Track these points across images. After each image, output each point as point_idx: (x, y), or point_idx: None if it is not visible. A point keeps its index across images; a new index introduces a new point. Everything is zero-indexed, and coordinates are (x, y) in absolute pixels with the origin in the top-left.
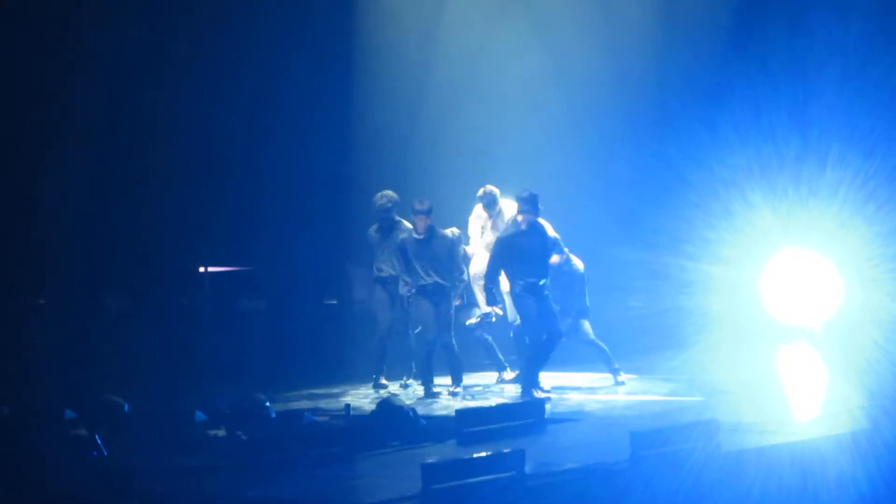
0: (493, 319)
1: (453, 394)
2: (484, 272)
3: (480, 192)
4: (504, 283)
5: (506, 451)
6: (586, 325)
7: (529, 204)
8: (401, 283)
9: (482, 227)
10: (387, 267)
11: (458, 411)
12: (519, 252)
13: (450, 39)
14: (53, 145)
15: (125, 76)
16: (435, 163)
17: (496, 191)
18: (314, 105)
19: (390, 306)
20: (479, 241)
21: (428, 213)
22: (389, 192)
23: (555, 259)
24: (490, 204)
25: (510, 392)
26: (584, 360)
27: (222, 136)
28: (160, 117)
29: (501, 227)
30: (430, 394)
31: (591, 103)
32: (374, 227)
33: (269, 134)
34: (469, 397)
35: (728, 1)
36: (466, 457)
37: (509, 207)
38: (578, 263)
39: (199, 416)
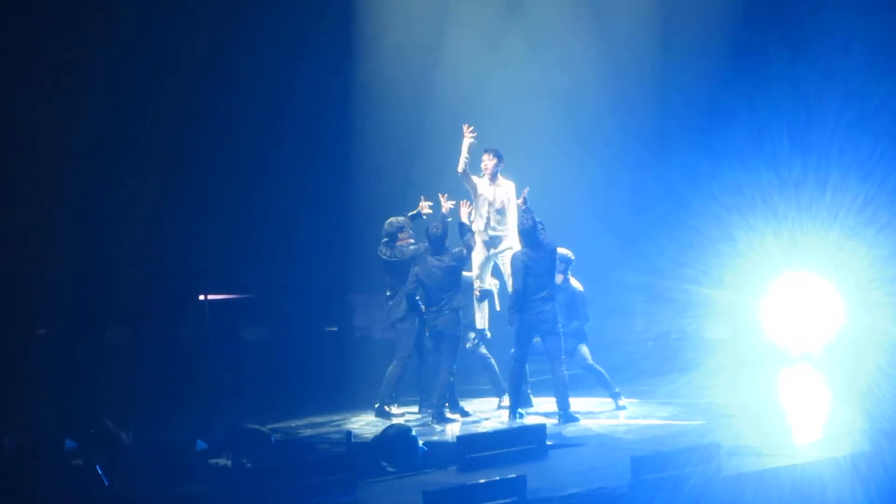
0: (489, 335)
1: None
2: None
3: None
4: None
5: (507, 476)
6: (584, 350)
7: (528, 237)
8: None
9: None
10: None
11: (459, 437)
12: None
13: (450, 65)
14: (53, 175)
15: (125, 106)
16: (437, 188)
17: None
18: (315, 132)
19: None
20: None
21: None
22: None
23: (558, 279)
24: (499, 154)
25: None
26: (584, 385)
27: (222, 164)
28: (159, 145)
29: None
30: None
31: (593, 127)
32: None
33: (269, 161)
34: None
35: (729, 26)
36: (468, 483)
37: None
38: (577, 284)
39: (200, 444)
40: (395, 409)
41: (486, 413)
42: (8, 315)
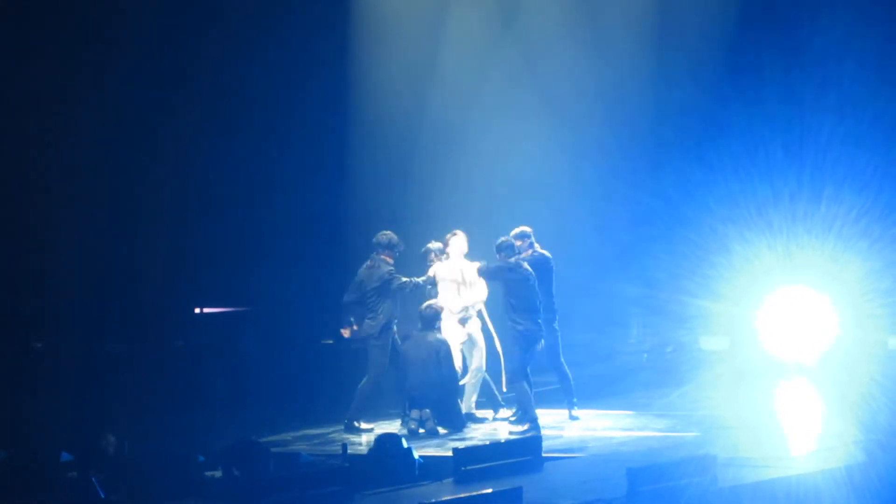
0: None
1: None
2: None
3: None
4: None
5: (503, 488)
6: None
7: (503, 250)
8: None
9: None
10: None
11: (455, 449)
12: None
13: (445, 78)
14: (53, 189)
15: (124, 122)
16: (432, 201)
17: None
18: (311, 145)
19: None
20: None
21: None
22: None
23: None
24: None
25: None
26: (580, 396)
27: (219, 177)
28: (156, 160)
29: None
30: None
31: (588, 140)
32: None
33: (265, 174)
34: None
35: (725, 38)
36: (464, 495)
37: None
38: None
39: (197, 457)
40: (363, 425)
41: (481, 425)
42: (5, 327)
